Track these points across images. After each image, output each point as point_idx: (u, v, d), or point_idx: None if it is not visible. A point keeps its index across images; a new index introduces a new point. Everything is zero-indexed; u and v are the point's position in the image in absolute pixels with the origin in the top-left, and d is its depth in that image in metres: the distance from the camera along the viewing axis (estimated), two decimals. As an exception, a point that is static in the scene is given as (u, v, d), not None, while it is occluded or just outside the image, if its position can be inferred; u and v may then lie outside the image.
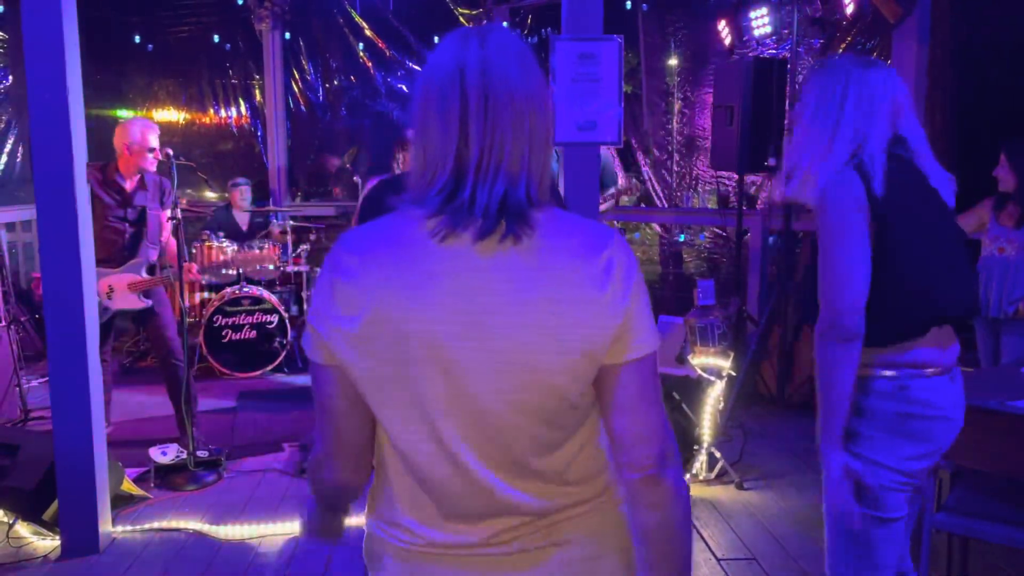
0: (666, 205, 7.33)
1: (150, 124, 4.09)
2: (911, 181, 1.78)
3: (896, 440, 1.76)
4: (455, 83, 1.02)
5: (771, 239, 6.00)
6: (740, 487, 3.78)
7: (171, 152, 3.92)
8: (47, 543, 3.22)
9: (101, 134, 5.09)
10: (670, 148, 7.44)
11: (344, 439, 1.11)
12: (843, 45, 6.16)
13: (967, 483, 2.61)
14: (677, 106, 7.45)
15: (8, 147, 7.47)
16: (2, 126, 7.41)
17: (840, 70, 1.82)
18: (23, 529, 3.31)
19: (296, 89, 8.53)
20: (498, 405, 1.02)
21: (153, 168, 4.09)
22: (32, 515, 3.26)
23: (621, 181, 5.89)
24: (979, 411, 2.39)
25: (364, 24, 8.46)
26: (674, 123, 7.46)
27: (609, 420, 1.08)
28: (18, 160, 7.46)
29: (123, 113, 8.04)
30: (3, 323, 4.62)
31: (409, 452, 1.06)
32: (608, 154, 5.47)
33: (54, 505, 3.19)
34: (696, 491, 3.76)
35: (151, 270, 4.17)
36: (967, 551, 2.82)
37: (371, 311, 0.99)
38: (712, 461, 3.90)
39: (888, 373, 1.76)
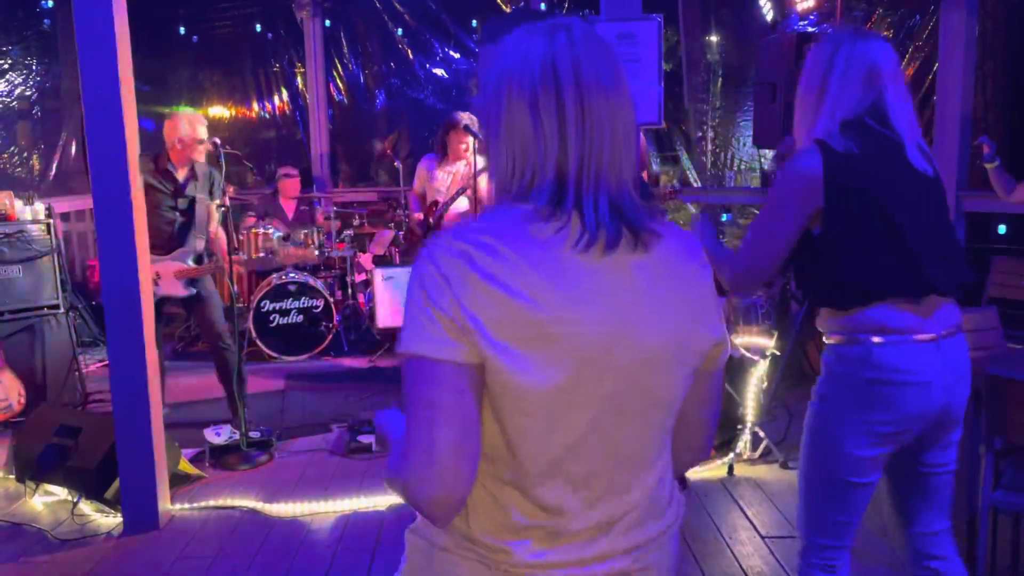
0: (704, 185, 7.26)
1: (198, 116, 4.21)
2: (877, 153, 1.76)
3: (862, 405, 1.77)
4: (548, 86, 1.00)
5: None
6: (784, 466, 3.77)
7: (218, 141, 4.02)
8: (110, 520, 3.35)
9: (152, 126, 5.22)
10: (710, 126, 7.37)
11: (464, 446, 1.00)
12: (888, 19, 6.03)
13: (1020, 461, 2.57)
14: (718, 84, 7.37)
15: (62, 140, 7.69)
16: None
17: (830, 41, 1.82)
18: (86, 507, 3.45)
19: (337, 76, 8.62)
20: (641, 401, 1.05)
21: (203, 159, 4.21)
22: (95, 493, 3.40)
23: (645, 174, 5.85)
24: (1027, 386, 2.35)
25: (402, 10, 8.51)
26: (716, 101, 7.38)
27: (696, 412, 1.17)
28: (72, 152, 7.68)
29: (169, 108, 8.22)
30: (62, 310, 4.79)
31: (539, 455, 1.03)
32: (642, 139, 5.43)
33: (115, 483, 3.32)
34: (740, 470, 3.76)
35: (198, 259, 4.28)
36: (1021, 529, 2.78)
37: (526, 312, 0.97)
38: (756, 440, 3.89)
39: (851, 338, 1.78)
